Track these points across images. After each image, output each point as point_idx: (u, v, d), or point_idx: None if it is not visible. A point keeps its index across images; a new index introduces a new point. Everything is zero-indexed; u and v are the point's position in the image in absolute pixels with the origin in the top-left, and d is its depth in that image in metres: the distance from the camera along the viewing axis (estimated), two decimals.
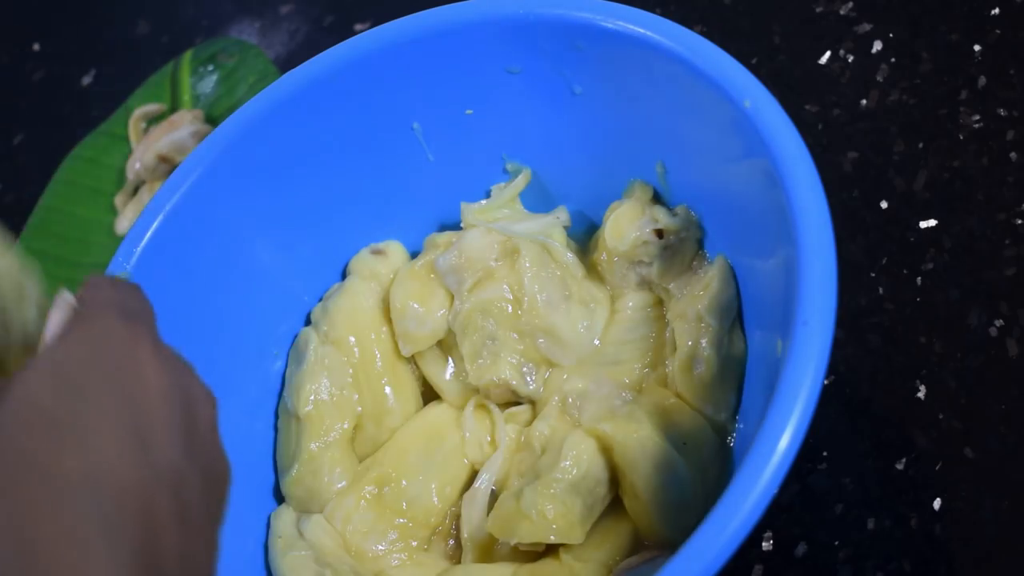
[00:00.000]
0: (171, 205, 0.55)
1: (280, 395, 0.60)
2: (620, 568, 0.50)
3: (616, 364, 0.55)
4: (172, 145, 0.75)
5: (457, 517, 0.56)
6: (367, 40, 0.56)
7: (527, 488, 0.51)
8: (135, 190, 0.77)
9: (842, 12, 0.70)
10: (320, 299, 0.61)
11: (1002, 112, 0.63)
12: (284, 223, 0.59)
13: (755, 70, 0.49)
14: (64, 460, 0.33)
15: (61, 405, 0.34)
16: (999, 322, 0.57)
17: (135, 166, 0.76)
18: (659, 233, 0.55)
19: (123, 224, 0.76)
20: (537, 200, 0.61)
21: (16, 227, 0.78)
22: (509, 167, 0.61)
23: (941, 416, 0.56)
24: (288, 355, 0.60)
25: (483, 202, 0.61)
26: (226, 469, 0.38)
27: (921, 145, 0.63)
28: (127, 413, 0.35)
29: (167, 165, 0.76)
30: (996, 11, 0.66)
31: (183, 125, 0.76)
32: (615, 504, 0.52)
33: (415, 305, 0.58)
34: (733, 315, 0.53)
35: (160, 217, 0.55)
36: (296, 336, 0.60)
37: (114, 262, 0.54)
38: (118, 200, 0.77)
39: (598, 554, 0.51)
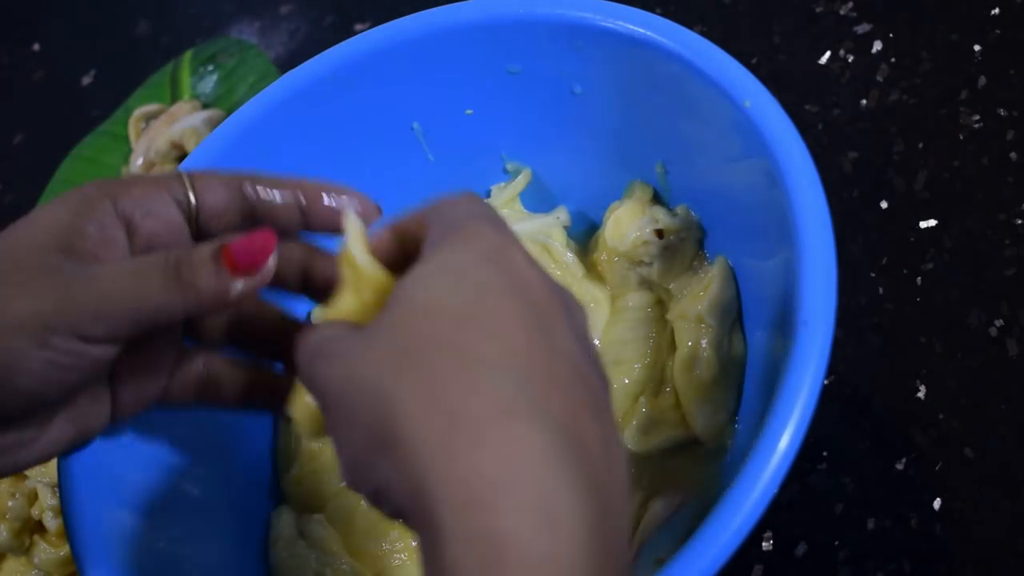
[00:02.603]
0: None
1: None
2: (647, 520, 0.50)
3: (616, 364, 0.55)
4: (184, 131, 0.75)
5: None
6: (367, 40, 0.56)
7: None
8: None
9: (842, 12, 0.70)
10: None
11: (1002, 112, 0.63)
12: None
13: (755, 70, 0.49)
14: (479, 345, 0.34)
15: (465, 301, 0.35)
16: (999, 322, 0.57)
17: (137, 162, 0.77)
18: (659, 233, 0.55)
19: None
20: (537, 200, 0.61)
21: None
22: (509, 167, 0.61)
23: (941, 416, 0.56)
24: None
25: None
26: (607, 377, 0.38)
27: (921, 145, 0.64)
28: (526, 308, 0.35)
29: (178, 151, 0.76)
30: (996, 11, 0.66)
31: (182, 116, 0.76)
32: None
33: None
34: (733, 315, 0.53)
35: None
36: None
37: None
38: None
39: None
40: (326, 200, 0.44)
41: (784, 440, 0.40)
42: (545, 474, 0.32)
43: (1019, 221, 0.59)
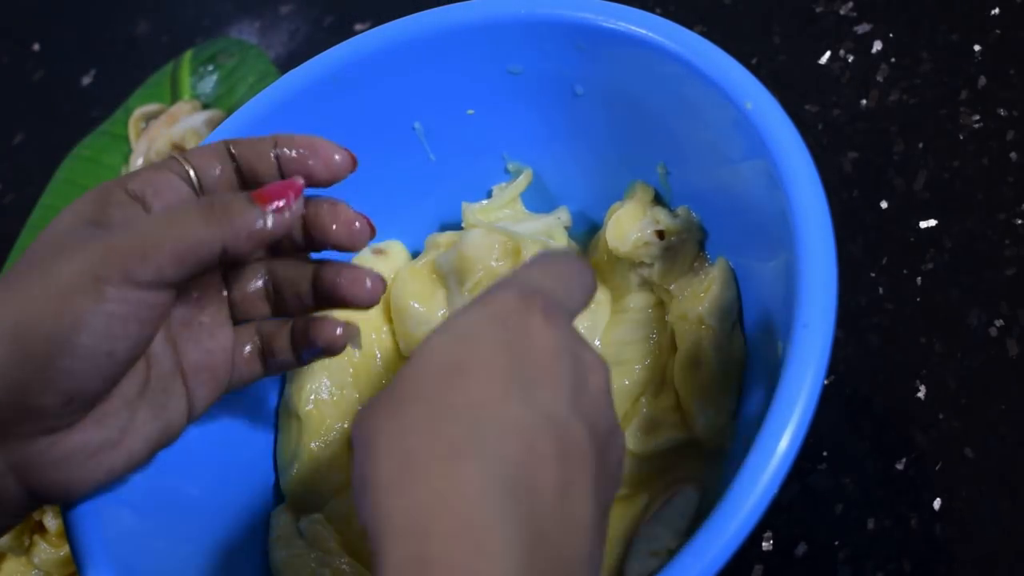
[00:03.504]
0: None
1: (280, 394, 0.60)
2: (650, 514, 0.51)
3: (617, 365, 0.55)
4: (185, 132, 0.75)
5: None
6: (367, 40, 0.56)
7: None
8: None
9: (842, 12, 0.70)
10: None
11: (1002, 112, 0.63)
12: None
13: (755, 70, 0.49)
14: (450, 394, 0.36)
15: (456, 356, 0.37)
16: (999, 322, 0.57)
17: (137, 162, 0.77)
18: (660, 234, 0.55)
19: None
20: (538, 200, 0.61)
21: (16, 227, 0.78)
22: (510, 167, 0.61)
23: (941, 416, 0.56)
24: None
25: (484, 202, 0.61)
26: (616, 428, 0.40)
27: (921, 145, 0.64)
28: (513, 362, 0.37)
29: (178, 152, 0.76)
30: (996, 11, 0.66)
31: (183, 117, 0.76)
32: (613, 505, 0.52)
33: (416, 305, 0.58)
34: (734, 317, 0.53)
35: None
36: None
37: None
38: None
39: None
40: (293, 152, 0.48)
41: (784, 441, 0.40)
42: (481, 507, 0.34)
43: (1019, 221, 0.60)
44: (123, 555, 0.47)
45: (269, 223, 0.43)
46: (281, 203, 0.43)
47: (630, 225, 0.56)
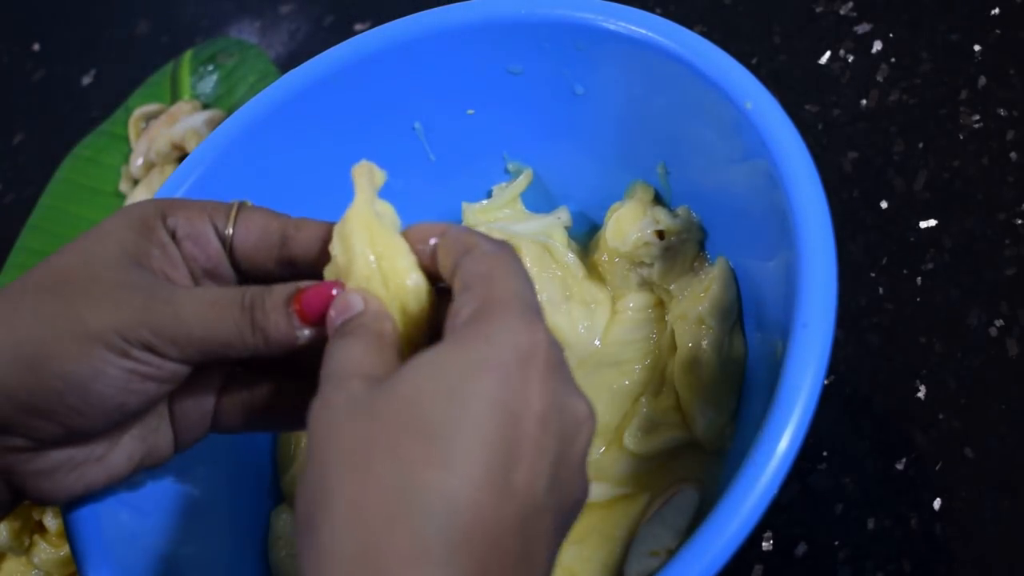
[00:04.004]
0: None
1: None
2: (650, 514, 0.51)
3: (617, 365, 0.55)
4: (185, 132, 0.75)
5: None
6: (368, 40, 0.56)
7: None
8: (135, 183, 0.78)
9: (842, 12, 0.70)
10: None
11: (1002, 112, 0.63)
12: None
13: (755, 70, 0.49)
14: (427, 469, 0.34)
15: (438, 410, 0.34)
16: (999, 322, 0.57)
17: (137, 162, 0.77)
18: (660, 234, 0.55)
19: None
20: (538, 200, 0.61)
21: (16, 227, 0.78)
22: (510, 167, 0.61)
23: (941, 416, 0.56)
24: None
25: (484, 202, 0.61)
26: (583, 496, 0.38)
27: (921, 145, 0.64)
28: (502, 436, 0.34)
29: (179, 152, 0.76)
30: (996, 11, 0.66)
31: (183, 117, 0.76)
32: (612, 505, 0.52)
33: None
34: (734, 317, 0.53)
35: None
36: None
37: None
38: (123, 186, 0.78)
39: (599, 554, 0.51)
40: None
41: (784, 441, 0.40)
42: None
43: (1019, 221, 0.60)
44: (123, 555, 0.47)
45: (303, 338, 0.42)
46: (320, 322, 0.41)
47: (630, 225, 0.56)
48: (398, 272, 0.41)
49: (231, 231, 0.44)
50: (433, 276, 0.42)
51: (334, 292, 0.41)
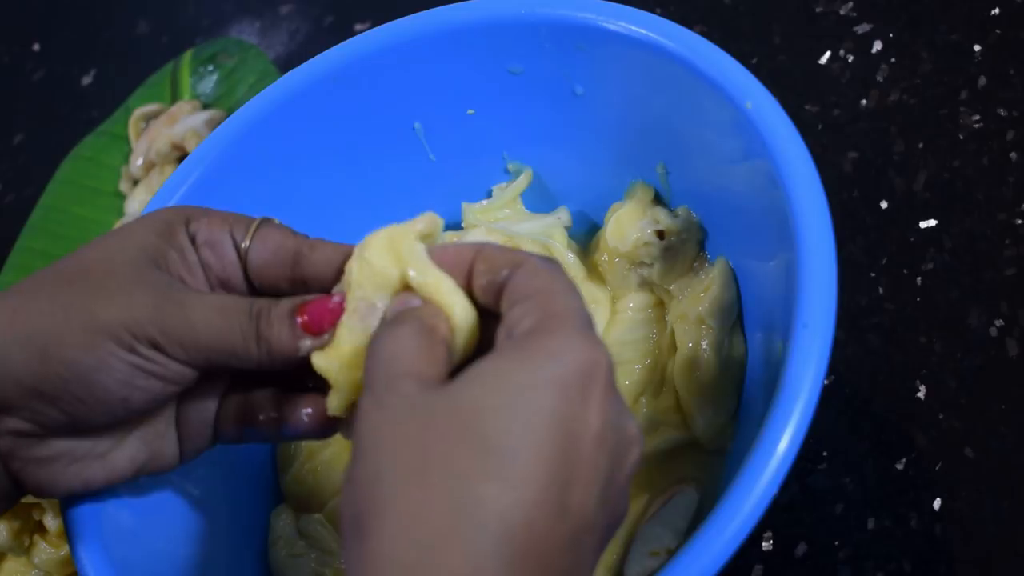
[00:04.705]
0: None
1: None
2: (650, 514, 0.51)
3: (617, 365, 0.55)
4: (185, 132, 0.75)
5: None
6: (368, 40, 0.56)
7: None
8: (135, 183, 0.78)
9: (842, 12, 0.70)
10: None
11: (1002, 112, 0.63)
12: (284, 224, 0.59)
13: (755, 70, 0.49)
14: (483, 484, 0.33)
15: (498, 423, 0.34)
16: (999, 322, 0.57)
17: (137, 162, 0.77)
18: (660, 234, 0.55)
19: (133, 205, 0.76)
20: (538, 200, 0.61)
21: (16, 227, 0.78)
22: (510, 167, 0.61)
23: (941, 416, 0.56)
24: None
25: (484, 202, 0.61)
26: (624, 514, 0.38)
27: (921, 145, 0.64)
28: (560, 455, 0.34)
29: (179, 152, 0.76)
30: (996, 11, 0.66)
31: (183, 117, 0.76)
32: None
33: None
34: (734, 317, 0.53)
35: None
36: None
37: None
38: (123, 186, 0.78)
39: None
40: None
41: (784, 441, 0.40)
42: None
43: (1019, 221, 0.60)
44: (123, 555, 0.47)
45: (303, 349, 0.42)
46: (320, 325, 0.42)
47: (630, 225, 0.56)
48: (446, 306, 0.40)
49: (248, 244, 0.45)
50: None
51: (336, 300, 0.42)
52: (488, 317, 0.40)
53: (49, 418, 0.42)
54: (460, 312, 0.40)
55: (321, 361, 0.42)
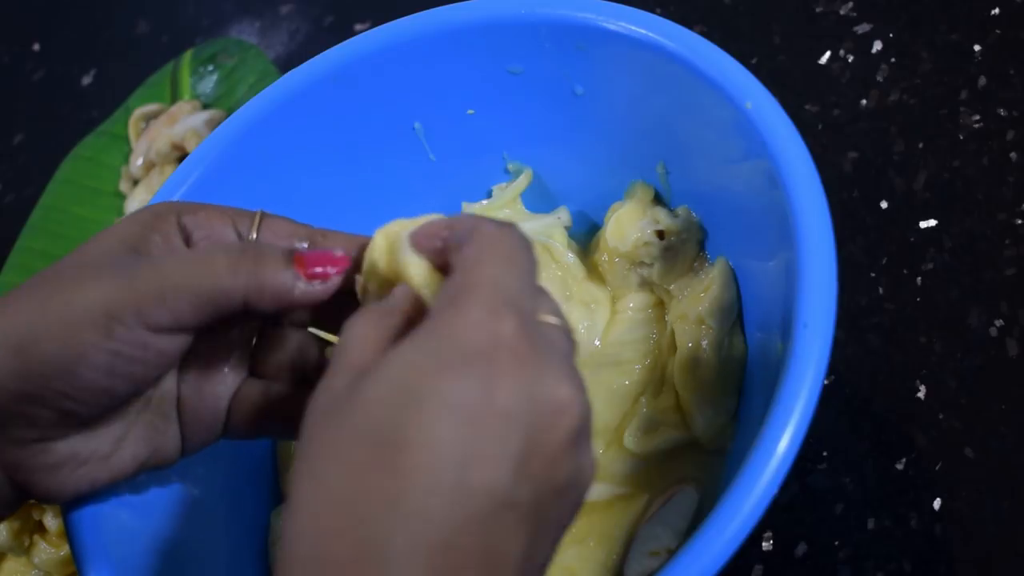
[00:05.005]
0: None
1: None
2: (650, 514, 0.51)
3: (616, 365, 0.55)
4: (185, 132, 0.75)
5: None
6: (368, 40, 0.56)
7: None
8: (135, 183, 0.78)
9: (842, 12, 0.70)
10: None
11: (1002, 112, 0.63)
12: None
13: (755, 70, 0.49)
14: (374, 475, 0.33)
15: (390, 414, 0.34)
16: (999, 322, 0.57)
17: (137, 162, 0.77)
18: (660, 234, 0.55)
19: (133, 205, 0.76)
20: (538, 200, 0.61)
21: (16, 227, 0.78)
22: (510, 167, 0.61)
23: (941, 416, 0.56)
24: None
25: (484, 202, 0.61)
26: (574, 482, 0.36)
27: (921, 145, 0.64)
28: (453, 438, 0.33)
29: (179, 152, 0.76)
30: (996, 11, 0.66)
31: (183, 117, 0.76)
32: (612, 505, 0.52)
33: None
34: (734, 317, 0.53)
35: None
36: None
37: None
38: (123, 186, 0.78)
39: (599, 554, 0.51)
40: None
41: (784, 441, 0.40)
42: None
43: (1019, 221, 0.60)
44: (123, 555, 0.47)
45: (297, 289, 0.41)
46: (319, 270, 0.41)
47: (630, 225, 0.56)
48: (416, 288, 0.40)
49: (255, 236, 0.44)
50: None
51: (339, 254, 0.41)
52: None
53: (41, 419, 0.41)
54: (428, 293, 0.39)
55: None
